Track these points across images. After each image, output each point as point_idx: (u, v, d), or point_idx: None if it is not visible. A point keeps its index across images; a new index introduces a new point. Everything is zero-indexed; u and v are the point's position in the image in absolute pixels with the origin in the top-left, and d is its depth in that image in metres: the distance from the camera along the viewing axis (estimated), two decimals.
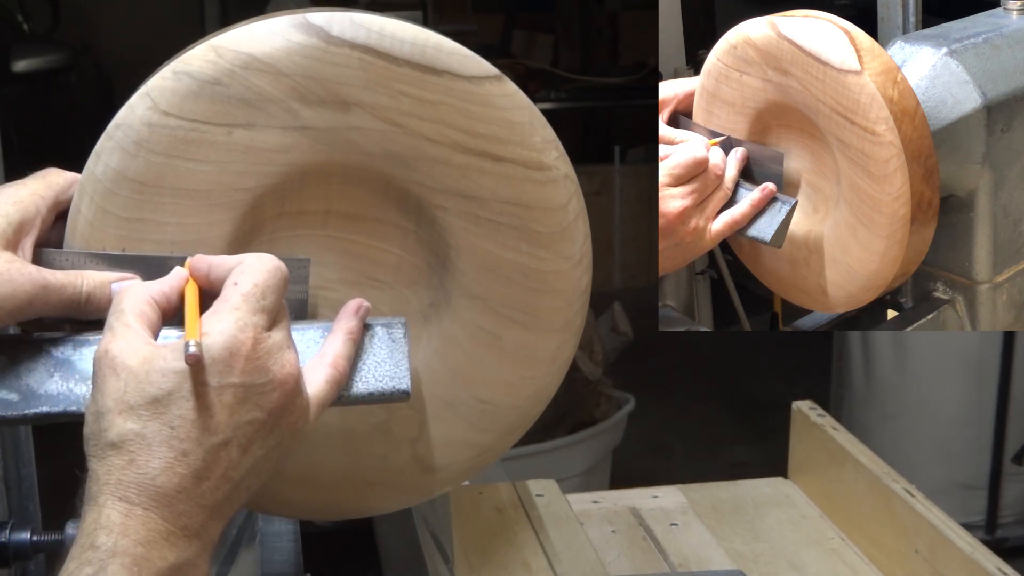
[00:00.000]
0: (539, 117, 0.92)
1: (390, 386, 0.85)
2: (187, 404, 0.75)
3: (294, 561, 1.11)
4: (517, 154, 0.91)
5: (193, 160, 0.86)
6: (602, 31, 5.90)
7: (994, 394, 3.06)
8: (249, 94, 0.86)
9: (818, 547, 1.37)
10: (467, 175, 0.90)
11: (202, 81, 0.86)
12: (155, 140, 0.86)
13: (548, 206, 0.92)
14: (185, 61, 0.87)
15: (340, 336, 0.85)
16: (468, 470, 0.98)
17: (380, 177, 0.91)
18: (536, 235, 0.92)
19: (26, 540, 0.89)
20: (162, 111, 0.86)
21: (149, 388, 0.75)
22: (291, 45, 0.87)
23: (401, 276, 0.95)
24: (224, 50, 0.87)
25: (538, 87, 4.92)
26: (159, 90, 0.87)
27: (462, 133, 0.89)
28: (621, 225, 5.37)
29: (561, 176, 0.93)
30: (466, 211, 0.91)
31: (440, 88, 0.89)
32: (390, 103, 0.88)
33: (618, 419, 3.10)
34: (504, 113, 0.90)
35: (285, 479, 0.95)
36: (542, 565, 1.28)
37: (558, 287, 0.94)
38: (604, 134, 5.69)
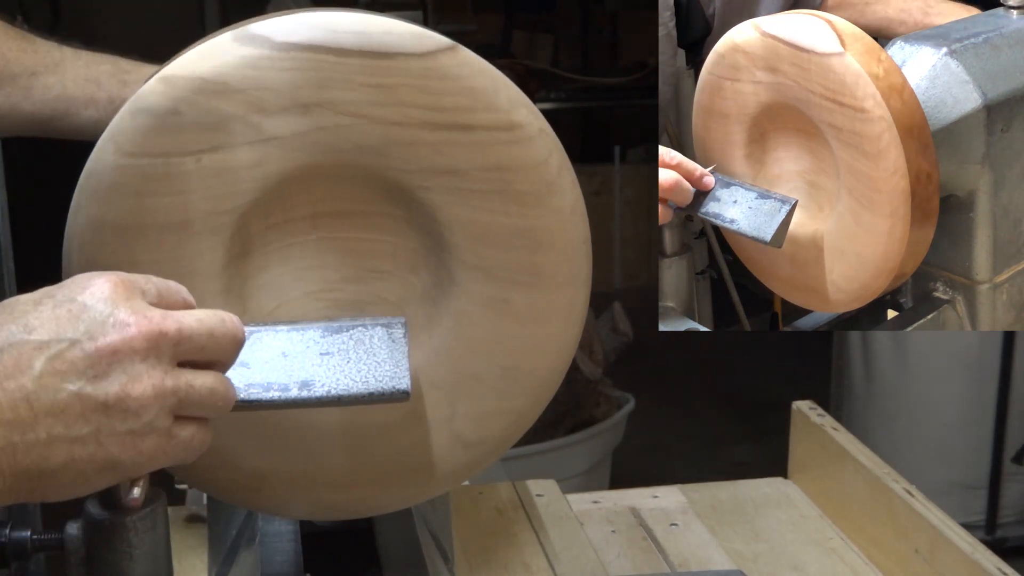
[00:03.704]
0: (501, 78, 0.90)
1: (390, 386, 0.85)
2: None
3: (294, 561, 1.11)
4: (486, 119, 0.89)
5: (169, 194, 0.86)
6: (602, 31, 5.90)
7: (994, 394, 3.06)
8: (208, 117, 0.86)
9: (818, 547, 1.37)
10: (441, 151, 0.89)
11: (159, 115, 0.86)
12: (127, 182, 0.86)
13: (528, 164, 0.91)
14: (139, 98, 0.86)
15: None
16: (508, 438, 0.98)
17: (357, 170, 0.90)
18: (522, 195, 0.91)
19: (26, 540, 0.89)
20: (127, 152, 0.86)
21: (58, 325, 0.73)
22: (238, 60, 0.86)
23: (400, 262, 0.94)
24: (174, 79, 0.86)
25: (538, 87, 4.92)
26: (120, 132, 0.86)
27: (427, 111, 0.88)
28: (621, 225, 5.37)
29: (536, 132, 0.91)
30: (448, 186, 0.90)
31: (395, 71, 0.87)
32: (350, 96, 0.87)
33: (618, 419, 3.10)
34: (465, 82, 0.89)
35: (329, 486, 0.95)
36: (542, 565, 1.28)
37: (555, 242, 0.93)
38: (604, 134, 5.69)
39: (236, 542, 1.09)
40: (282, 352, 0.85)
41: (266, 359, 0.84)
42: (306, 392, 0.83)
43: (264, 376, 0.83)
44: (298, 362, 0.84)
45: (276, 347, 0.85)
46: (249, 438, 0.94)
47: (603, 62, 5.78)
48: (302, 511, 1.02)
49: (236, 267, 0.90)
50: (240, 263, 0.91)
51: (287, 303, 0.94)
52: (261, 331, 0.85)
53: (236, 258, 0.90)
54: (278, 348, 0.85)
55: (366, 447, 0.95)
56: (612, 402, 3.13)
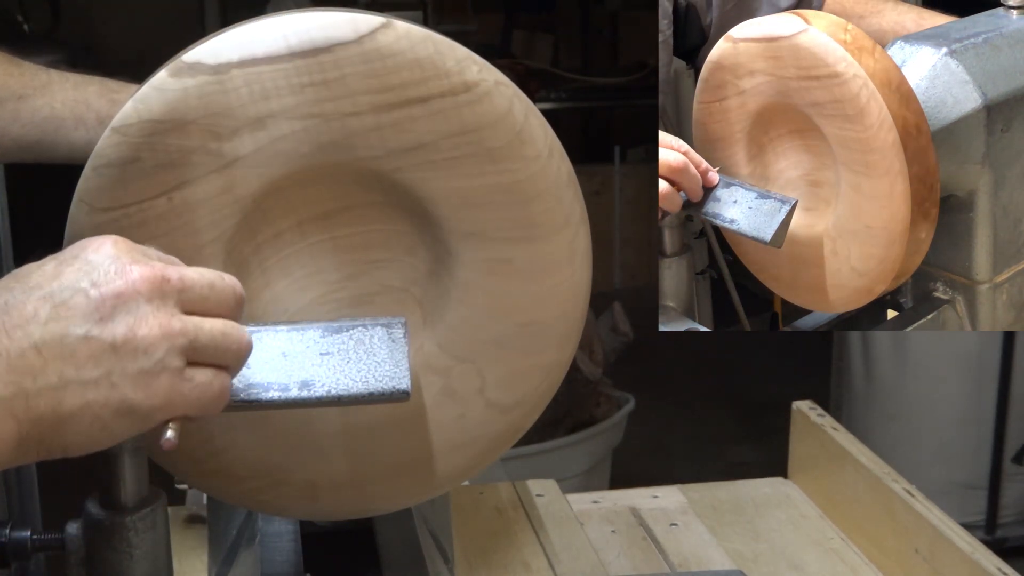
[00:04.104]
0: (444, 42, 0.89)
1: (390, 386, 0.85)
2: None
3: (294, 561, 1.11)
4: (438, 87, 0.88)
5: (151, 239, 0.86)
6: (602, 31, 5.90)
7: (994, 394, 3.06)
8: (168, 156, 0.86)
9: (818, 547, 1.37)
10: (403, 129, 0.89)
11: (121, 166, 0.86)
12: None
13: (493, 119, 0.90)
14: (97, 155, 0.87)
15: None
16: (544, 394, 0.98)
17: (326, 170, 0.90)
18: (495, 151, 0.90)
19: (26, 540, 0.89)
20: (100, 209, 0.87)
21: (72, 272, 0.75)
22: (181, 93, 0.86)
23: (396, 247, 0.94)
24: (125, 128, 0.86)
25: (538, 87, 4.92)
26: (88, 192, 0.87)
27: (378, 94, 0.88)
28: (621, 225, 5.37)
29: (491, 85, 0.90)
30: (420, 162, 0.90)
31: (335, 63, 0.87)
32: (297, 100, 0.87)
33: (618, 419, 3.10)
34: (407, 55, 0.88)
35: (375, 480, 0.95)
36: (542, 565, 1.28)
37: (540, 188, 0.92)
38: (604, 134, 5.69)
39: (236, 542, 1.09)
40: (282, 352, 0.85)
41: (266, 359, 0.84)
42: (306, 392, 0.83)
43: (264, 376, 0.83)
44: (298, 362, 0.84)
45: (276, 347, 0.85)
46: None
47: (603, 62, 5.78)
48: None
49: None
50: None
51: (296, 314, 0.94)
52: (261, 331, 0.85)
53: None
54: (278, 348, 0.85)
55: (409, 435, 0.95)
56: (612, 402, 3.13)
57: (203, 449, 0.93)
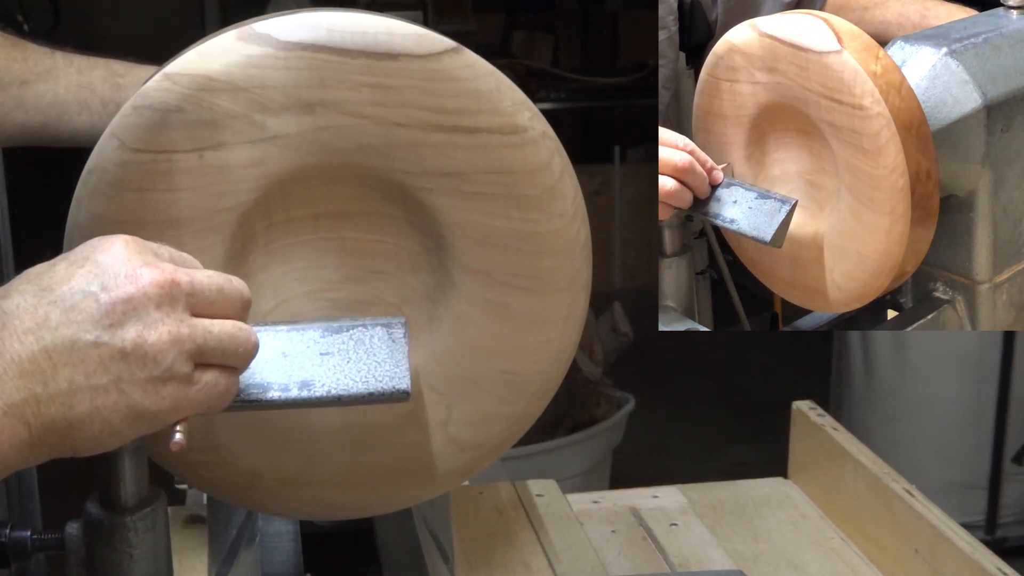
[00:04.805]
0: (505, 81, 0.90)
1: (390, 386, 0.85)
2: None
3: (294, 561, 1.11)
4: (489, 122, 0.89)
5: (170, 191, 0.86)
6: (602, 31, 5.90)
7: (994, 394, 3.06)
8: (212, 115, 0.86)
9: (818, 547, 1.37)
10: (444, 153, 0.89)
11: (163, 111, 0.86)
12: (129, 178, 0.86)
13: (531, 168, 0.91)
14: (143, 95, 0.87)
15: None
16: (504, 442, 0.98)
17: (359, 171, 0.90)
18: (524, 199, 0.91)
19: (26, 540, 0.89)
20: (131, 148, 0.86)
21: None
22: (243, 58, 0.86)
23: (401, 263, 0.94)
24: (178, 76, 0.86)
25: (538, 87, 4.92)
26: (124, 128, 0.87)
27: (431, 112, 0.88)
28: (621, 225, 5.37)
29: (538, 135, 0.91)
30: (450, 188, 0.90)
31: (399, 72, 0.87)
32: (352, 97, 0.87)
33: (618, 419, 3.10)
34: (468, 84, 0.89)
35: (323, 484, 0.95)
36: (542, 565, 1.28)
37: (556, 246, 0.93)
38: (604, 134, 5.69)
39: (236, 542, 1.09)
40: (282, 352, 0.85)
41: (266, 359, 0.84)
42: (306, 392, 0.83)
43: (264, 376, 0.83)
44: (298, 362, 0.84)
45: (276, 347, 0.85)
46: (249, 438, 0.94)
47: (603, 62, 5.78)
48: (302, 511, 1.02)
49: (236, 265, 0.90)
50: (240, 261, 0.91)
51: (286, 302, 0.94)
52: (261, 331, 0.85)
53: (236, 256, 0.90)
54: (278, 348, 0.85)
55: (365, 448, 0.95)
56: (612, 402, 3.13)
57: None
